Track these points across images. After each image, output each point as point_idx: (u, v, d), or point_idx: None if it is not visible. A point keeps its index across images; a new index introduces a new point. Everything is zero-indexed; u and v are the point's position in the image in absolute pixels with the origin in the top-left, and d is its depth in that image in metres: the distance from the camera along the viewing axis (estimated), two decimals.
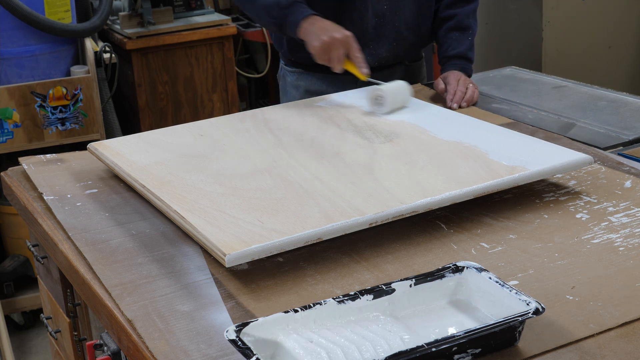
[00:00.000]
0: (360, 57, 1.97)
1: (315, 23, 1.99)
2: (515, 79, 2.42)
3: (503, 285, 1.17)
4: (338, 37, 1.94)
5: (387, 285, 1.20)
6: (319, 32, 1.96)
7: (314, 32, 1.97)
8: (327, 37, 1.95)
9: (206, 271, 1.38)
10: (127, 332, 1.24)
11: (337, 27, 1.98)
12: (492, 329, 1.08)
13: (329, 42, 1.95)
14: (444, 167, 1.59)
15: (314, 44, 1.97)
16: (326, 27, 1.97)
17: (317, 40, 1.96)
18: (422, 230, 1.48)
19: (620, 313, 1.19)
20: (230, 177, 1.61)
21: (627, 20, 3.74)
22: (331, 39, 1.94)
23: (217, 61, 3.91)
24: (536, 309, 1.11)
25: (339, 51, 1.95)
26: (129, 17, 3.75)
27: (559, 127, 1.99)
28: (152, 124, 3.81)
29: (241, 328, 1.10)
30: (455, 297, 1.22)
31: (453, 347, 1.07)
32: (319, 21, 2.00)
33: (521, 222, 1.49)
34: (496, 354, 1.11)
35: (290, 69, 2.33)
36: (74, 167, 1.86)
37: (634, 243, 1.39)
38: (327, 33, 1.95)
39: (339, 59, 1.96)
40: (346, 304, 1.17)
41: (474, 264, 1.23)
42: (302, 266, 1.38)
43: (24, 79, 3.26)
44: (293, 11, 2.03)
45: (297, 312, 1.15)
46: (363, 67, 1.97)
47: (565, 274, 1.31)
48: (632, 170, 1.68)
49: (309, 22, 2.00)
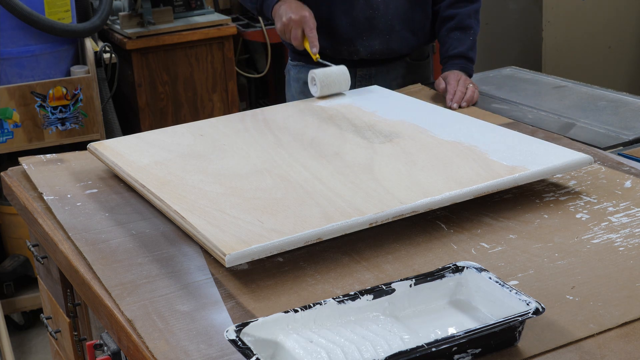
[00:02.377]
0: (313, 36, 2.11)
1: (283, 4, 2.15)
2: (515, 79, 2.42)
3: (503, 285, 1.17)
4: (294, 17, 2.10)
5: (387, 285, 1.19)
6: (282, 13, 2.13)
7: (279, 13, 2.15)
8: (285, 18, 2.11)
9: (206, 271, 1.38)
10: (127, 332, 1.24)
11: (298, 8, 2.12)
12: (492, 329, 1.08)
13: (286, 22, 2.12)
14: (444, 167, 1.59)
15: (277, 25, 2.16)
16: (288, 8, 2.13)
17: (279, 21, 2.14)
18: (422, 230, 1.48)
19: (620, 313, 1.19)
20: (230, 177, 1.61)
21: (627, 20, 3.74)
22: (288, 19, 2.11)
23: (217, 61, 3.91)
24: (536, 309, 1.11)
25: (296, 31, 2.11)
26: (129, 17, 3.75)
27: (559, 127, 1.99)
28: (152, 124, 3.81)
29: (241, 328, 1.10)
30: (455, 297, 1.22)
31: (453, 347, 1.07)
32: (286, 3, 2.15)
33: (521, 222, 1.49)
34: (496, 354, 1.11)
35: (293, 63, 2.42)
36: (74, 167, 1.86)
37: (634, 243, 1.39)
38: (286, 14, 2.11)
39: (295, 37, 2.12)
40: (346, 304, 1.17)
41: (474, 264, 1.23)
42: (302, 266, 1.38)
43: (24, 79, 3.26)
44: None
45: (297, 312, 1.14)
46: (313, 47, 2.11)
47: (566, 274, 1.31)
48: (632, 170, 1.68)
49: (279, 5, 2.16)
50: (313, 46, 2.11)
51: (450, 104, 2.10)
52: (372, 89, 2.17)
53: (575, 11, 3.63)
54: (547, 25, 3.58)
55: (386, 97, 2.09)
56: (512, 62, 2.87)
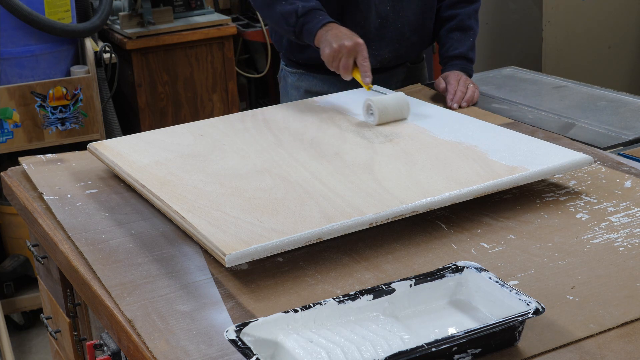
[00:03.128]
0: (366, 66, 1.97)
1: (330, 30, 1.99)
2: (515, 79, 2.42)
3: (503, 285, 1.17)
4: (347, 44, 1.94)
5: (387, 285, 1.19)
6: (332, 40, 1.96)
7: (327, 39, 1.98)
8: (337, 44, 1.95)
9: (206, 271, 1.38)
10: (127, 332, 1.24)
11: (350, 35, 1.98)
12: (492, 328, 1.08)
13: (337, 49, 1.95)
14: (444, 167, 1.59)
15: (325, 51, 1.97)
16: (339, 34, 1.98)
17: (328, 47, 1.96)
18: (422, 230, 1.48)
19: (620, 313, 1.19)
20: (230, 177, 1.61)
21: (627, 20, 3.74)
22: (340, 46, 1.94)
23: (217, 61, 3.91)
24: (536, 309, 1.11)
25: (347, 59, 1.96)
26: (129, 17, 3.75)
27: (559, 127, 1.99)
28: (152, 124, 3.81)
29: (241, 328, 1.10)
30: (455, 297, 1.22)
31: (453, 347, 1.07)
32: (334, 28, 2.00)
33: (521, 222, 1.49)
34: (496, 354, 1.11)
35: (291, 70, 2.32)
36: (74, 167, 1.86)
37: (634, 243, 1.39)
38: (338, 41, 1.95)
39: (345, 66, 1.96)
40: (346, 304, 1.17)
41: (474, 264, 1.23)
42: (302, 266, 1.38)
43: (24, 79, 3.26)
44: (310, 19, 2.03)
45: (297, 312, 1.15)
46: (366, 77, 1.96)
47: (565, 274, 1.31)
48: (632, 170, 1.68)
49: (325, 30, 2.00)
50: (366, 76, 1.95)
51: (450, 104, 2.09)
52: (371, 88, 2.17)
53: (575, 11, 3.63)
54: (547, 25, 3.58)
55: None
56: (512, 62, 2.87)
